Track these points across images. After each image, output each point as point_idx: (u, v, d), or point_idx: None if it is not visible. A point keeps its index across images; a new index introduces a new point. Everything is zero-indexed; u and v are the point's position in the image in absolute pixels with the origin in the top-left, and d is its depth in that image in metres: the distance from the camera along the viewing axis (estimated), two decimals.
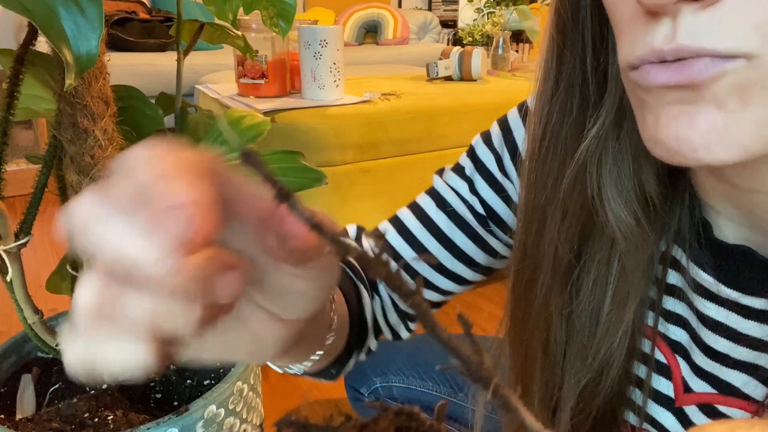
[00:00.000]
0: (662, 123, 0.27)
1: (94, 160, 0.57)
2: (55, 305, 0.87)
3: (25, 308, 0.61)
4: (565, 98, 0.38)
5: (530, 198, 0.42)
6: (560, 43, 0.38)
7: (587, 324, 0.40)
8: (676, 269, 0.40)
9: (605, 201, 0.37)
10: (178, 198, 0.16)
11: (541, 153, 0.40)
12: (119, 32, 2.48)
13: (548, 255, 0.41)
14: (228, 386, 0.59)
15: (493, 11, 2.28)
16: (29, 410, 0.63)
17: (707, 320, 0.38)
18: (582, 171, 0.38)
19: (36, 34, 0.53)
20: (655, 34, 0.26)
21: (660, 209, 0.38)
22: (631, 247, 0.38)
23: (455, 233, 0.51)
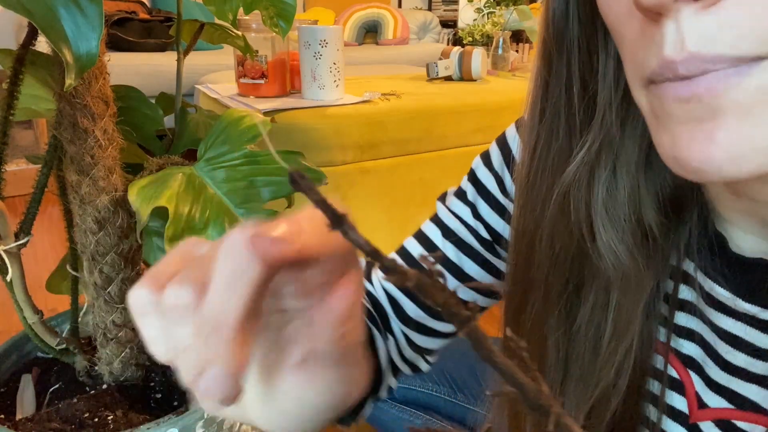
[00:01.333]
0: (679, 143, 0.27)
1: (94, 160, 0.57)
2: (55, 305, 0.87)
3: (25, 308, 0.61)
4: (551, 125, 0.38)
5: (520, 222, 0.42)
6: (545, 74, 0.38)
7: (587, 353, 0.40)
8: (687, 283, 0.39)
9: (597, 233, 0.37)
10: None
11: (529, 178, 0.40)
12: (119, 32, 2.48)
13: (538, 279, 0.40)
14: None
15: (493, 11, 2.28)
16: (29, 410, 0.63)
17: (724, 334, 0.37)
18: (568, 199, 0.37)
19: (36, 34, 0.53)
20: (663, 42, 0.25)
21: (661, 240, 0.37)
22: (628, 282, 0.37)
23: (464, 261, 0.50)
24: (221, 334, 0.20)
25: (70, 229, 0.63)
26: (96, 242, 0.60)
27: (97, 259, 0.60)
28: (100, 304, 0.63)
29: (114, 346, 0.65)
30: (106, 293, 0.62)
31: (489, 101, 1.49)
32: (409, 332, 0.51)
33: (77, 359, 0.68)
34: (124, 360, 0.66)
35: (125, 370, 0.66)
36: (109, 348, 0.65)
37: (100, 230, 0.59)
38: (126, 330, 0.65)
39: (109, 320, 0.64)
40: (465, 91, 1.59)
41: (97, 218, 0.59)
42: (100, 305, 0.63)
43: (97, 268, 0.61)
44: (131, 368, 0.67)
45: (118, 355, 0.65)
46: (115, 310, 0.63)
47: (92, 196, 0.58)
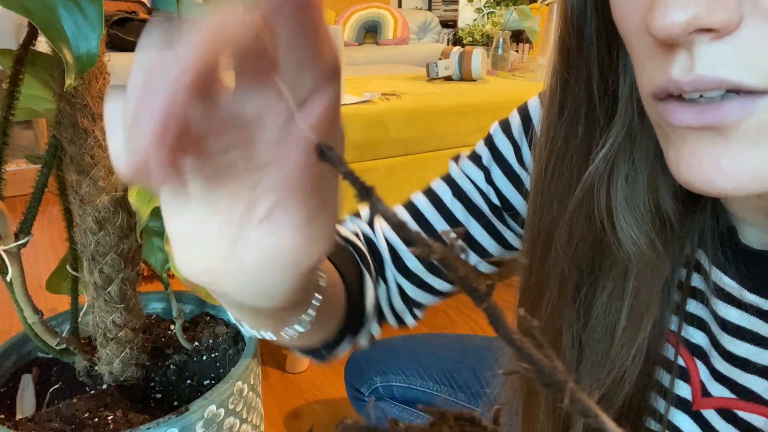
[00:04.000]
0: (684, 163, 0.28)
1: (94, 160, 0.57)
2: (55, 305, 0.87)
3: (25, 308, 0.61)
4: (570, 123, 0.38)
5: (536, 219, 0.42)
6: (564, 71, 0.37)
7: (601, 341, 0.40)
8: (699, 272, 0.40)
9: (617, 223, 0.37)
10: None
11: (546, 176, 0.40)
12: (119, 32, 2.48)
13: (554, 275, 0.41)
14: (228, 386, 0.59)
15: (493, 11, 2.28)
16: (29, 410, 0.63)
17: (728, 325, 0.37)
18: (590, 193, 0.37)
19: (36, 34, 0.53)
20: (672, 64, 0.26)
21: (677, 227, 0.38)
22: (646, 269, 0.38)
23: (470, 222, 0.50)
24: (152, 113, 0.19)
25: (70, 229, 0.63)
26: (96, 242, 0.60)
27: (97, 259, 0.60)
28: (100, 304, 0.63)
29: (114, 346, 0.65)
30: (106, 293, 0.62)
31: (489, 101, 1.49)
32: (405, 283, 0.51)
33: (77, 359, 0.68)
34: (124, 360, 0.66)
35: (125, 370, 0.66)
36: (109, 348, 0.65)
37: (100, 230, 0.59)
38: (126, 330, 0.65)
39: (109, 320, 0.63)
40: (465, 91, 1.59)
41: (97, 218, 0.59)
42: (100, 305, 0.63)
43: (97, 268, 0.61)
44: (131, 368, 0.67)
45: (118, 355, 0.65)
46: (115, 310, 0.63)
47: (92, 196, 0.58)
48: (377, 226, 0.52)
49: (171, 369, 0.70)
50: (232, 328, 0.76)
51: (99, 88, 0.56)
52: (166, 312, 0.80)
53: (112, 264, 0.61)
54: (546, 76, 0.40)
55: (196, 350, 0.72)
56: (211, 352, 0.72)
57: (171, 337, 0.75)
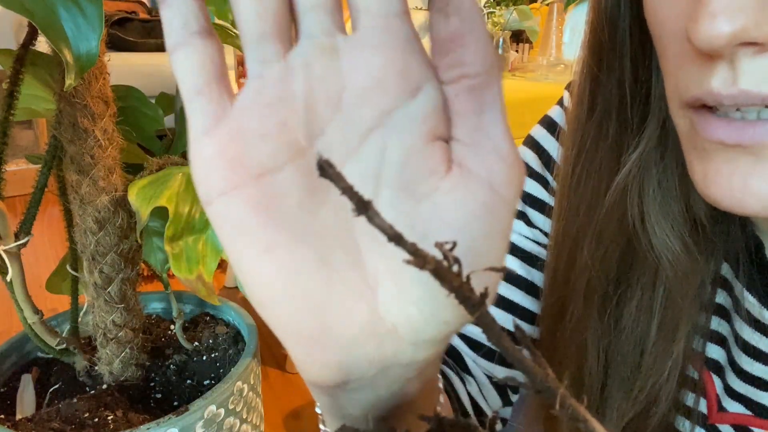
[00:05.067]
0: (712, 180, 0.27)
1: (94, 160, 0.57)
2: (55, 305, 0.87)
3: (25, 308, 0.61)
4: (600, 123, 0.36)
5: (561, 225, 0.40)
6: (595, 66, 0.35)
7: (630, 355, 0.38)
8: (724, 288, 0.38)
9: (649, 226, 0.35)
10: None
11: (573, 180, 0.38)
12: (119, 32, 2.48)
13: (580, 284, 0.39)
14: (228, 386, 0.59)
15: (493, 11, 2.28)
16: (29, 410, 0.63)
17: (746, 344, 0.36)
18: (622, 197, 0.36)
19: (36, 34, 0.53)
20: (712, 76, 0.25)
21: (710, 231, 0.36)
22: (679, 274, 0.36)
23: (533, 274, 0.47)
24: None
25: (70, 229, 0.63)
26: (96, 242, 0.60)
27: (97, 259, 0.60)
28: (100, 304, 0.63)
29: (114, 346, 0.65)
30: (106, 293, 0.62)
31: None
32: (493, 368, 0.47)
33: (77, 359, 0.68)
34: (124, 360, 0.66)
35: (125, 370, 0.66)
36: (109, 348, 0.65)
37: (100, 230, 0.59)
38: (126, 330, 0.65)
39: (109, 320, 0.63)
40: None
41: (97, 218, 0.59)
42: (100, 305, 0.63)
43: (97, 268, 0.61)
44: (131, 368, 0.67)
45: (118, 355, 0.65)
46: (115, 310, 0.63)
47: (92, 196, 0.58)
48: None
49: (171, 369, 0.70)
50: (232, 328, 0.76)
51: (99, 88, 0.56)
52: (166, 312, 0.80)
53: (112, 264, 0.61)
54: (575, 72, 0.38)
55: (196, 350, 0.72)
56: (211, 352, 0.72)
57: (171, 337, 0.75)
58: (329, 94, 0.20)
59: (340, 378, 0.21)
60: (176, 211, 0.58)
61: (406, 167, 0.20)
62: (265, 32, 0.19)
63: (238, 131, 0.20)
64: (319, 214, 0.20)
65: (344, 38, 0.20)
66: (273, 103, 0.20)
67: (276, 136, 0.20)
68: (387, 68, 0.19)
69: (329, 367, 0.20)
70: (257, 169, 0.20)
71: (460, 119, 0.20)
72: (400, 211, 0.20)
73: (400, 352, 0.20)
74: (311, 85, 0.20)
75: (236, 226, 0.20)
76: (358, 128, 0.20)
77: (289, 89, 0.20)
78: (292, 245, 0.20)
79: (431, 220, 0.19)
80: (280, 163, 0.20)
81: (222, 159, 0.20)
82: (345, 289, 0.20)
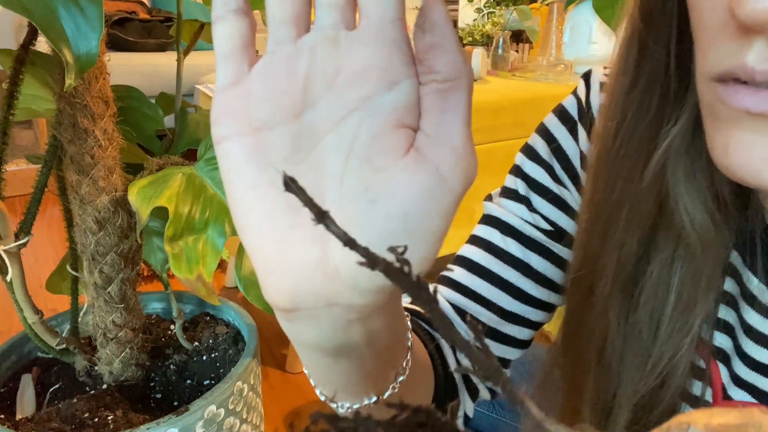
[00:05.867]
0: (732, 149, 0.27)
1: (94, 160, 0.57)
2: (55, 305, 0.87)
3: (25, 308, 0.61)
4: (644, 95, 0.36)
5: (596, 199, 0.40)
6: (644, 32, 0.35)
7: (646, 329, 0.39)
8: (732, 275, 0.38)
9: (680, 200, 0.36)
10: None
11: (612, 152, 0.38)
12: (119, 32, 2.48)
13: (611, 259, 0.39)
14: (228, 386, 0.59)
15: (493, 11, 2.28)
16: (29, 410, 0.63)
17: (752, 330, 0.37)
18: (661, 171, 0.36)
19: (36, 34, 0.53)
20: (748, 51, 0.25)
21: (732, 208, 0.36)
22: (704, 248, 0.36)
23: (529, 256, 0.48)
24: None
25: (70, 229, 0.63)
26: (96, 242, 0.60)
27: (97, 259, 0.60)
28: (100, 304, 0.63)
29: (114, 346, 0.65)
30: (106, 293, 0.62)
31: (489, 101, 1.49)
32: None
33: (77, 359, 0.68)
34: (124, 360, 0.66)
35: (125, 370, 0.66)
36: (109, 348, 0.65)
37: (100, 230, 0.59)
38: (126, 330, 0.65)
39: (109, 320, 0.63)
40: None
41: (97, 218, 0.59)
42: (100, 305, 0.63)
43: (97, 268, 0.61)
44: (131, 368, 0.67)
45: (118, 355, 0.65)
46: (115, 310, 0.63)
47: (92, 196, 0.58)
48: (437, 295, 0.51)
49: (171, 369, 0.70)
50: (232, 328, 0.76)
51: (99, 88, 0.56)
52: (166, 312, 0.80)
53: (112, 264, 0.61)
54: (619, 41, 0.37)
55: (196, 350, 0.72)
56: (211, 352, 0.72)
57: (171, 337, 0.75)
58: (325, 76, 0.24)
59: (291, 303, 0.25)
60: (176, 211, 0.58)
61: (373, 144, 0.24)
62: (285, 18, 0.24)
63: (247, 92, 0.25)
64: (298, 168, 0.25)
65: (346, 33, 0.24)
66: (279, 75, 0.25)
67: (276, 101, 0.25)
68: (373, 62, 0.24)
69: (282, 292, 0.25)
70: (256, 124, 0.25)
71: (426, 114, 0.24)
72: (361, 177, 0.24)
73: (340, 292, 0.25)
74: (312, 66, 0.24)
75: (233, 164, 0.25)
76: (342, 106, 0.24)
77: (294, 66, 0.24)
78: (271, 188, 0.25)
79: (383, 189, 0.24)
80: (276, 123, 0.25)
81: (231, 111, 0.25)
82: (303, 231, 0.25)
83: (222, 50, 0.26)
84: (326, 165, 0.25)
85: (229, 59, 0.26)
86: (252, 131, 0.25)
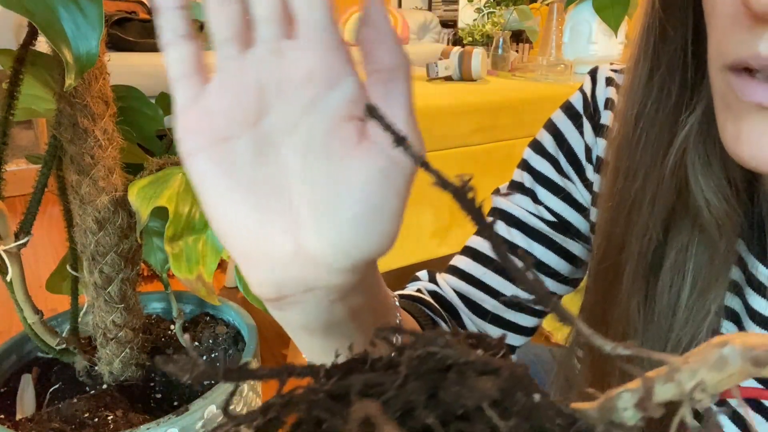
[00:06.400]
0: (745, 139, 0.28)
1: (94, 160, 0.57)
2: (55, 305, 0.87)
3: (25, 308, 0.61)
4: (663, 83, 0.37)
5: (618, 186, 0.40)
6: (664, 20, 0.36)
7: (664, 315, 0.39)
8: (738, 264, 0.39)
9: (696, 186, 0.37)
10: None
11: (633, 140, 0.39)
12: (119, 32, 2.48)
13: (635, 246, 0.39)
14: (228, 386, 0.59)
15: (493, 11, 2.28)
16: (29, 410, 0.63)
17: (757, 316, 0.37)
18: (681, 160, 0.37)
19: (36, 34, 0.53)
20: (760, 40, 0.26)
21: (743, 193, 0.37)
22: (720, 232, 0.37)
23: (533, 246, 0.49)
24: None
25: (70, 229, 0.63)
26: (96, 242, 0.60)
27: (97, 259, 0.60)
28: (100, 304, 0.63)
29: (114, 346, 0.65)
30: (106, 293, 0.62)
31: (489, 101, 1.49)
32: (487, 327, 0.50)
33: (77, 359, 0.68)
34: (124, 360, 0.66)
35: (125, 370, 0.66)
36: (109, 348, 0.65)
37: (100, 230, 0.59)
38: (126, 330, 0.65)
39: (109, 320, 0.64)
40: (465, 91, 1.59)
41: (97, 218, 0.59)
42: (100, 305, 0.63)
43: (97, 268, 0.61)
44: (131, 368, 0.67)
45: (118, 355, 0.65)
46: (115, 310, 0.63)
47: (92, 196, 0.58)
48: (441, 280, 0.52)
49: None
50: (232, 328, 0.76)
51: (99, 88, 0.56)
52: (166, 312, 0.80)
53: (112, 264, 0.61)
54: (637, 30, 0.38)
55: (196, 350, 0.72)
56: (211, 352, 0.72)
57: (171, 337, 0.75)
58: (274, 84, 0.26)
59: (275, 293, 0.27)
60: (176, 211, 0.58)
61: (327, 139, 0.26)
62: (228, 36, 0.26)
63: (206, 108, 0.27)
64: (263, 171, 0.27)
65: (287, 42, 0.26)
66: (232, 89, 0.26)
67: (233, 113, 0.26)
68: (315, 66, 0.26)
69: (265, 284, 0.27)
70: (218, 136, 0.26)
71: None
72: (323, 171, 0.26)
73: (318, 276, 0.27)
74: (261, 77, 0.26)
75: (203, 176, 0.27)
76: (294, 110, 0.26)
77: (245, 79, 0.26)
78: (242, 192, 0.27)
79: (342, 177, 0.26)
80: (236, 133, 0.26)
81: (194, 128, 0.27)
82: (277, 225, 0.27)
83: (176, 73, 0.27)
84: (289, 164, 0.27)
85: (184, 80, 0.27)
86: (216, 143, 0.26)
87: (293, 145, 0.26)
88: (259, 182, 0.27)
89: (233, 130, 0.26)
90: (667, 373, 0.13)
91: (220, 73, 0.27)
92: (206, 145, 0.27)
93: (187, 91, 0.27)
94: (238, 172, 0.26)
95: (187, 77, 0.27)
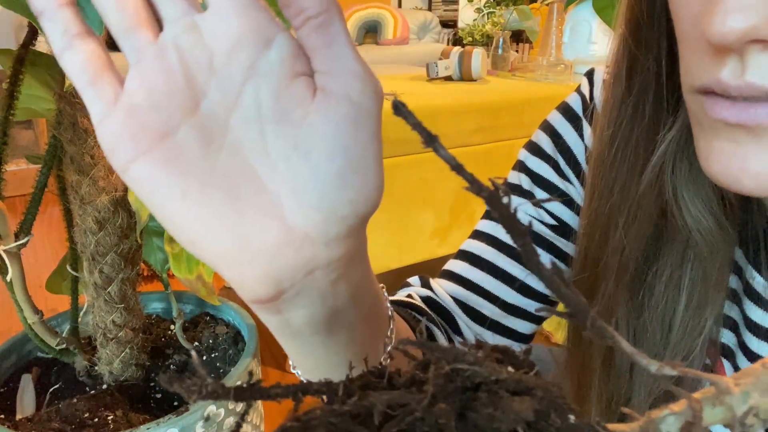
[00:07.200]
0: (713, 157, 0.28)
1: (94, 160, 0.57)
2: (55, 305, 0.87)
3: (25, 308, 0.61)
4: (637, 103, 0.37)
5: (595, 204, 0.40)
6: (633, 45, 0.36)
7: (658, 332, 0.39)
8: (735, 272, 0.39)
9: (682, 203, 0.36)
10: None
11: (608, 159, 0.39)
12: None
13: (612, 262, 0.39)
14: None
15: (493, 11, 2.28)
16: (29, 410, 0.63)
17: (755, 326, 0.37)
18: (659, 176, 0.37)
19: (36, 34, 0.53)
20: (722, 68, 0.26)
21: (737, 208, 0.37)
22: (712, 249, 0.37)
23: None
24: None
25: (70, 229, 0.63)
26: (96, 242, 0.60)
27: (97, 259, 0.60)
28: (100, 304, 0.63)
29: (114, 346, 0.65)
30: (106, 293, 0.62)
31: (489, 101, 1.49)
32: (484, 333, 0.49)
33: (77, 359, 0.68)
34: (124, 360, 0.66)
35: (125, 370, 0.66)
36: (109, 348, 0.65)
37: (100, 230, 0.59)
38: (126, 330, 0.65)
39: (109, 320, 0.64)
40: (465, 91, 1.59)
41: (97, 218, 0.59)
42: (100, 305, 0.63)
43: (97, 268, 0.61)
44: (131, 368, 0.67)
45: (118, 355, 0.65)
46: (115, 310, 0.63)
47: (92, 196, 0.58)
48: (436, 286, 0.50)
49: (171, 369, 0.70)
50: (232, 328, 0.76)
51: None
52: (166, 312, 0.80)
53: (112, 264, 0.61)
54: (610, 51, 0.38)
55: (196, 350, 0.72)
56: (211, 352, 0.72)
57: (171, 337, 0.75)
58: (201, 62, 0.24)
59: (274, 288, 0.25)
60: None
61: (279, 103, 0.24)
62: (130, 25, 0.24)
63: (132, 109, 0.23)
64: (220, 158, 0.24)
65: (200, 15, 0.24)
66: (155, 79, 0.24)
67: (165, 105, 0.24)
68: (240, 31, 0.23)
69: (260, 280, 0.24)
70: (156, 134, 0.23)
71: (314, 54, 0.24)
72: (285, 137, 0.24)
73: (316, 254, 0.24)
74: (184, 58, 0.24)
75: (151, 184, 0.24)
76: (232, 84, 0.24)
77: (167, 65, 0.24)
78: (203, 188, 0.24)
79: (310, 136, 0.24)
80: (175, 125, 0.24)
81: (124, 133, 0.23)
82: (255, 212, 0.24)
83: (83, 80, 0.23)
84: (245, 142, 0.24)
85: (96, 85, 0.24)
86: (154, 143, 0.23)
87: (244, 119, 0.24)
88: (218, 173, 0.24)
89: (170, 123, 0.23)
90: (716, 396, 0.12)
91: (136, 65, 0.24)
92: (143, 148, 0.23)
93: (102, 94, 0.24)
94: (190, 168, 0.24)
95: (97, 80, 0.24)
